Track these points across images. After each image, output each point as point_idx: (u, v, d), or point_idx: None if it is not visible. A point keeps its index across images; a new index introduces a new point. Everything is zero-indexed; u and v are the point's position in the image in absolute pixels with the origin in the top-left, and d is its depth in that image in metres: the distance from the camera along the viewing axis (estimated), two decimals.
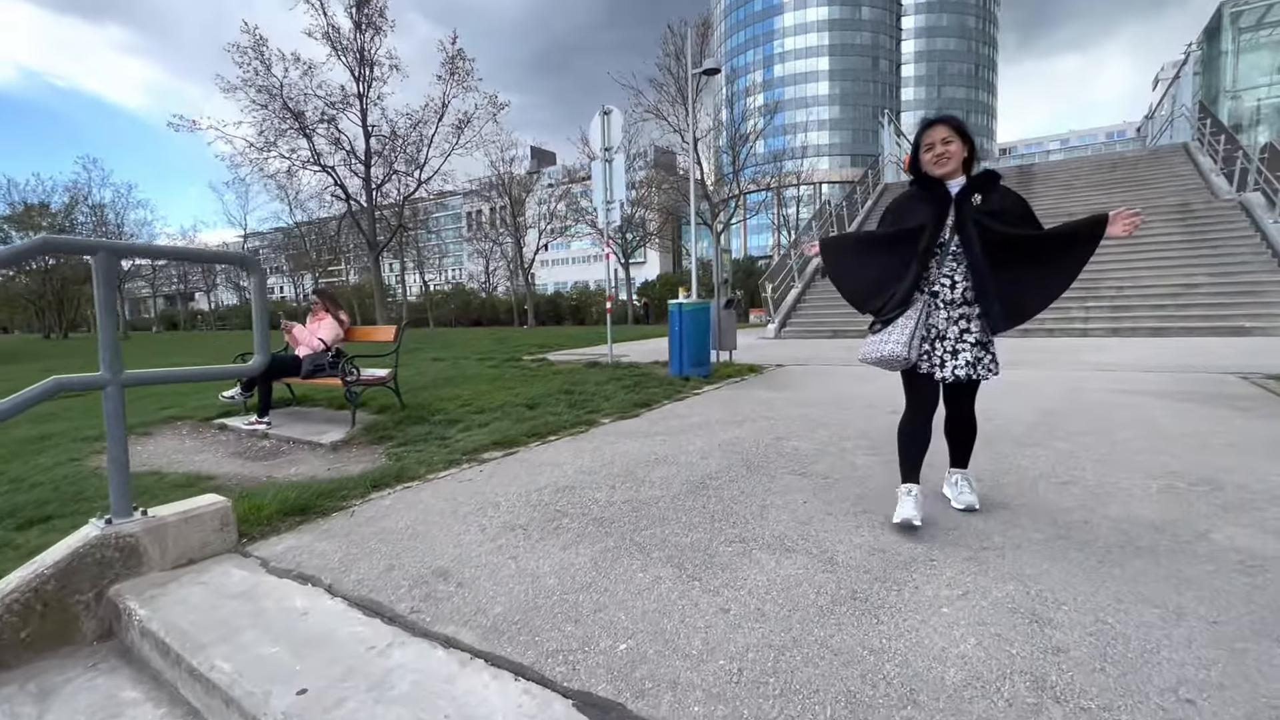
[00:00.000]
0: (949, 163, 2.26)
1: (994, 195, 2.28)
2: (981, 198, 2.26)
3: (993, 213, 2.23)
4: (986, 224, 2.21)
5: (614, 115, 8.26)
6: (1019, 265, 2.21)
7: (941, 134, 2.27)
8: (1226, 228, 11.88)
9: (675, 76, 24.22)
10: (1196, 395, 4.77)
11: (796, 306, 14.13)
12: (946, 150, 2.26)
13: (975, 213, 2.24)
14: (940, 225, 2.28)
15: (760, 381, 6.72)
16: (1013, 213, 2.26)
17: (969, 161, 2.31)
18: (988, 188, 2.29)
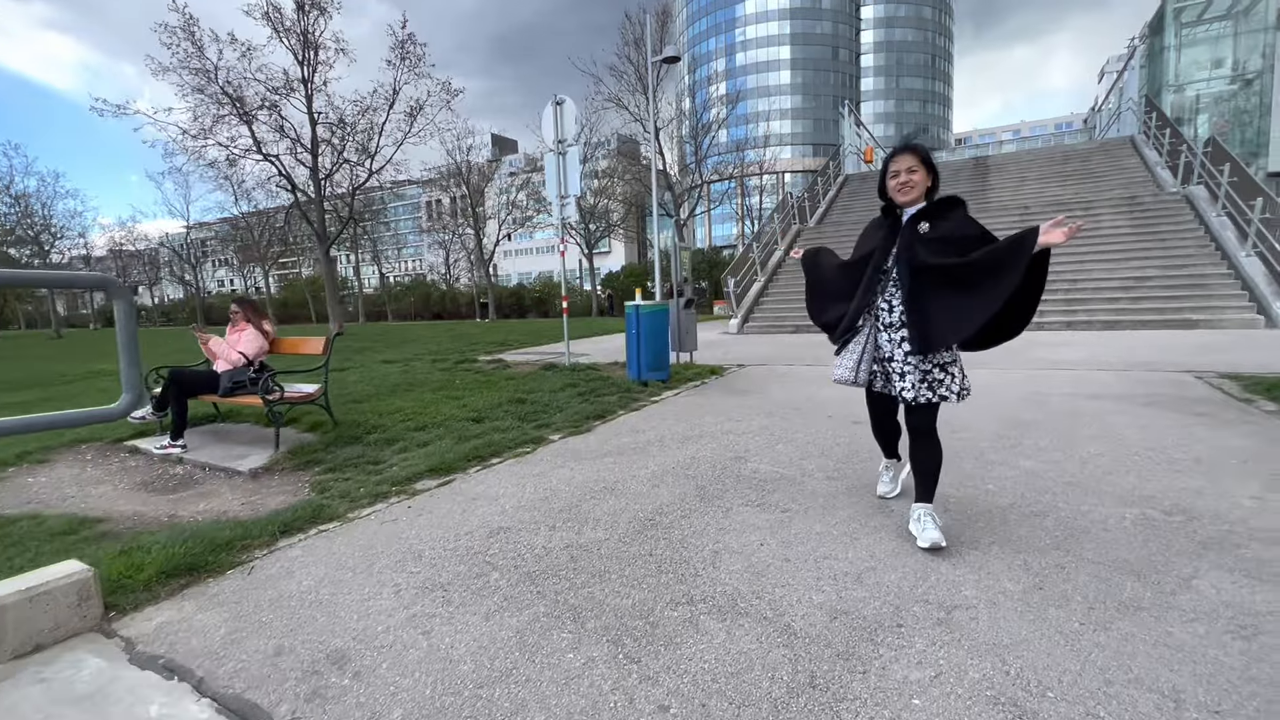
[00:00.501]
0: (912, 191, 2.31)
1: (946, 222, 2.28)
2: (930, 225, 2.28)
3: (934, 240, 2.24)
4: (918, 251, 2.25)
5: (567, 105, 7.88)
6: (947, 292, 2.20)
7: (907, 163, 2.31)
8: (1173, 221, 12.18)
9: (635, 65, 23.75)
10: (1157, 399, 4.73)
11: (759, 301, 14.00)
12: (911, 179, 2.30)
13: (915, 240, 2.28)
14: (887, 252, 2.37)
15: (721, 386, 6.50)
16: (962, 238, 2.22)
17: (932, 189, 2.35)
18: (940, 214, 2.30)
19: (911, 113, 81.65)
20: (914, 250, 2.26)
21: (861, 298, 2.40)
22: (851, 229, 16.66)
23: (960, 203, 2.33)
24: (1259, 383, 4.95)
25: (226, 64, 17.80)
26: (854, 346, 2.44)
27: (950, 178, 19.48)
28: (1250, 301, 9.51)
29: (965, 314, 2.15)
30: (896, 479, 2.88)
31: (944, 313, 2.19)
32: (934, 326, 2.21)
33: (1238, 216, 10.87)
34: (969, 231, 2.24)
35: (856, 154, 23.23)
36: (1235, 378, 5.40)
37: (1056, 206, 14.15)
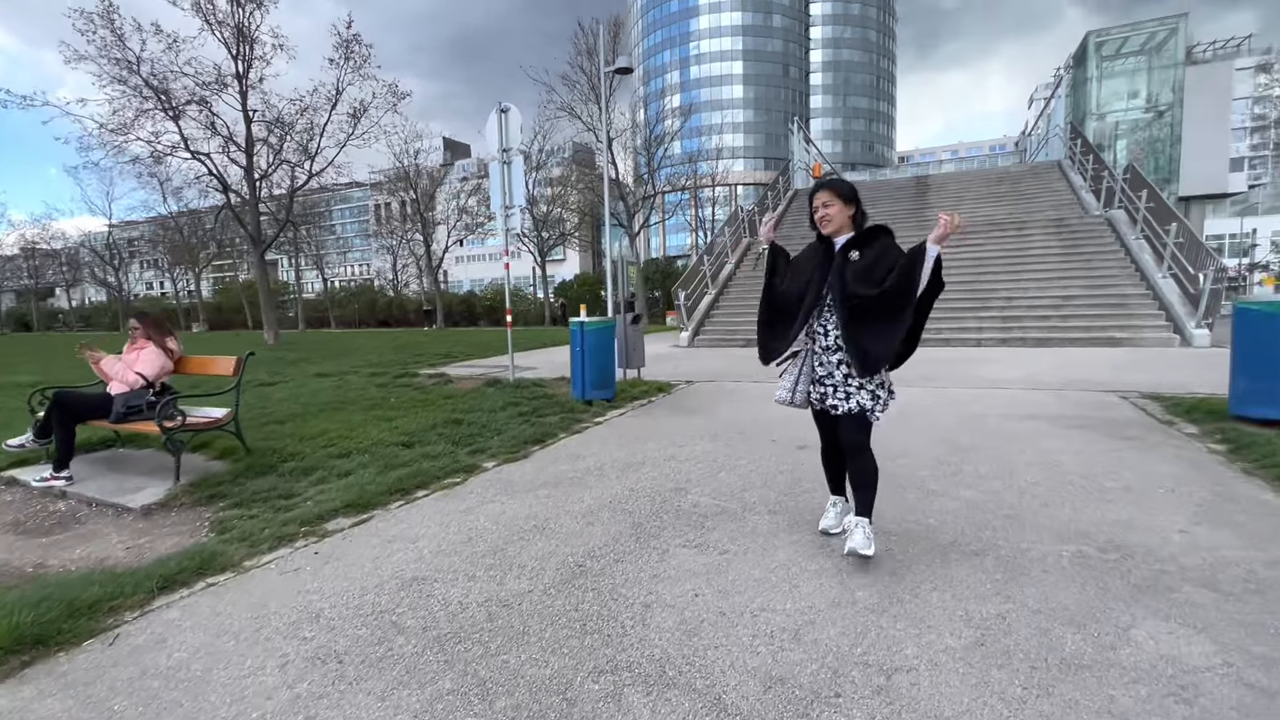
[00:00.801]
0: (830, 224, 2.49)
1: (871, 250, 2.43)
2: (859, 253, 2.44)
3: (861, 268, 2.40)
4: (847, 281, 2.40)
5: (512, 113, 7.65)
6: (875, 318, 2.37)
7: (823, 198, 2.49)
8: (1097, 243, 12.85)
9: (588, 74, 23.64)
10: (1088, 421, 4.84)
11: (710, 314, 14.01)
12: (827, 213, 2.48)
13: (845, 268, 2.43)
14: (823, 279, 2.49)
15: (667, 405, 6.36)
16: (885, 264, 2.38)
17: (856, 218, 2.49)
18: (865, 242, 2.46)
19: (858, 130, 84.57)
20: (844, 279, 2.41)
21: (801, 322, 2.53)
22: (800, 243, 16.77)
23: (886, 231, 2.50)
24: (1179, 404, 5.15)
25: (151, 55, 16.75)
26: (792, 369, 2.61)
27: (894, 195, 20.12)
28: (1167, 321, 10.07)
29: (890, 336, 2.37)
30: (840, 518, 2.77)
31: (875, 338, 2.37)
32: (869, 352, 2.37)
33: (1154, 240, 11.54)
34: (890, 259, 2.39)
35: (805, 169, 23.74)
36: (1157, 398, 5.62)
37: (991, 226, 14.74)
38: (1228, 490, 3.13)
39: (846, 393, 2.45)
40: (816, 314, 2.51)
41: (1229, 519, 2.76)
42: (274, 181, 20.75)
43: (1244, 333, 4.39)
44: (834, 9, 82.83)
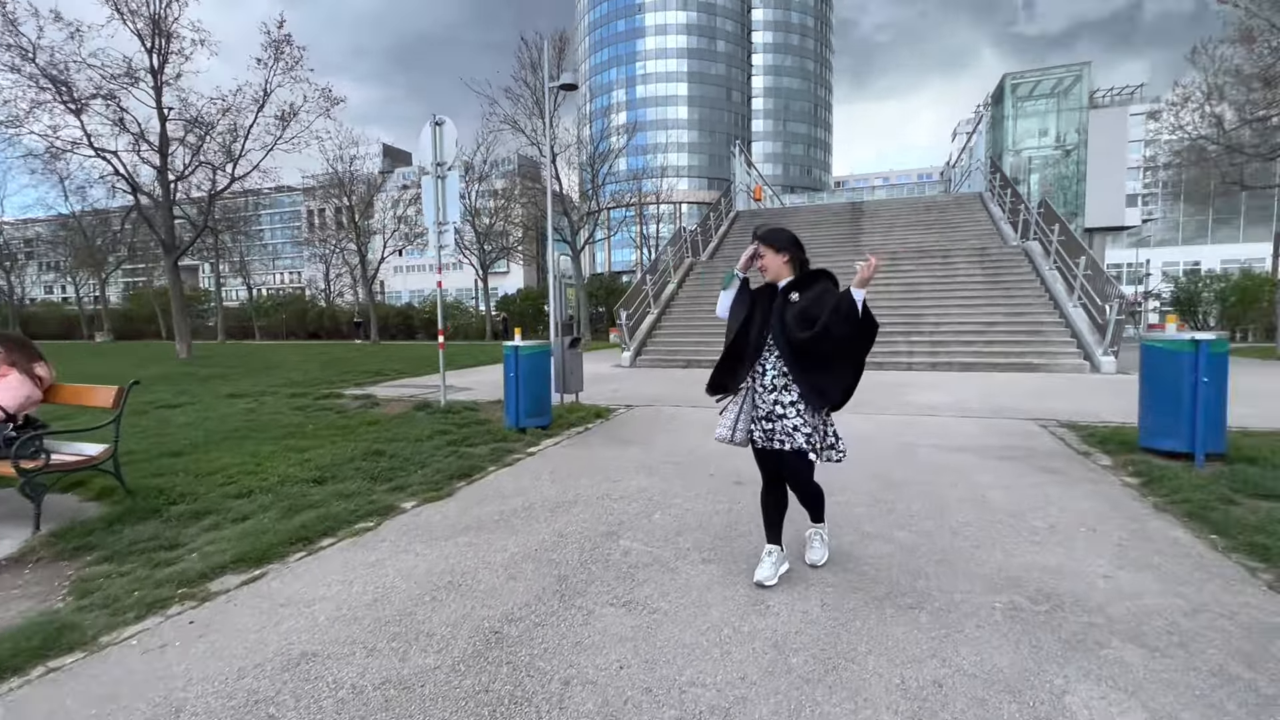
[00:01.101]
0: (768, 273, 2.62)
1: (810, 292, 2.54)
2: (798, 295, 2.55)
3: (800, 310, 2.50)
4: (788, 324, 2.50)
5: (447, 127, 7.37)
6: (814, 355, 2.48)
7: (759, 250, 2.62)
8: (1016, 272, 13.61)
9: (532, 88, 23.43)
10: (1012, 452, 4.98)
11: (652, 334, 13.96)
12: (763, 264, 2.62)
13: (785, 310, 2.54)
14: (766, 320, 2.58)
15: (604, 433, 6.17)
16: (821, 306, 2.47)
17: (792, 262, 2.60)
18: (806, 285, 2.57)
19: (797, 155, 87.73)
20: (783, 321, 2.52)
21: (749, 362, 2.59)
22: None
23: (827, 275, 2.60)
24: (1094, 434, 5.38)
25: (51, 43, 15.41)
26: (732, 407, 2.64)
27: (831, 220, 20.80)
28: (1078, 348, 10.70)
29: (833, 371, 2.52)
30: (777, 568, 2.67)
31: (821, 374, 2.50)
32: (818, 386, 2.50)
33: (1066, 271, 12.31)
34: (826, 301, 2.47)
35: (746, 191, 24.25)
36: (1073, 427, 5.87)
37: (920, 253, 15.40)
38: (1143, 528, 3.22)
39: (788, 433, 2.51)
40: (758, 353, 2.58)
41: (1147, 561, 2.81)
42: (193, 184, 19.43)
43: (1151, 369, 4.62)
44: (774, 38, 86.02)
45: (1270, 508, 3.40)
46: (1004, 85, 39.22)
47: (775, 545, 2.72)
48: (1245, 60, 18.38)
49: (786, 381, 2.52)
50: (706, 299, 15.38)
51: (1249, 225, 45.55)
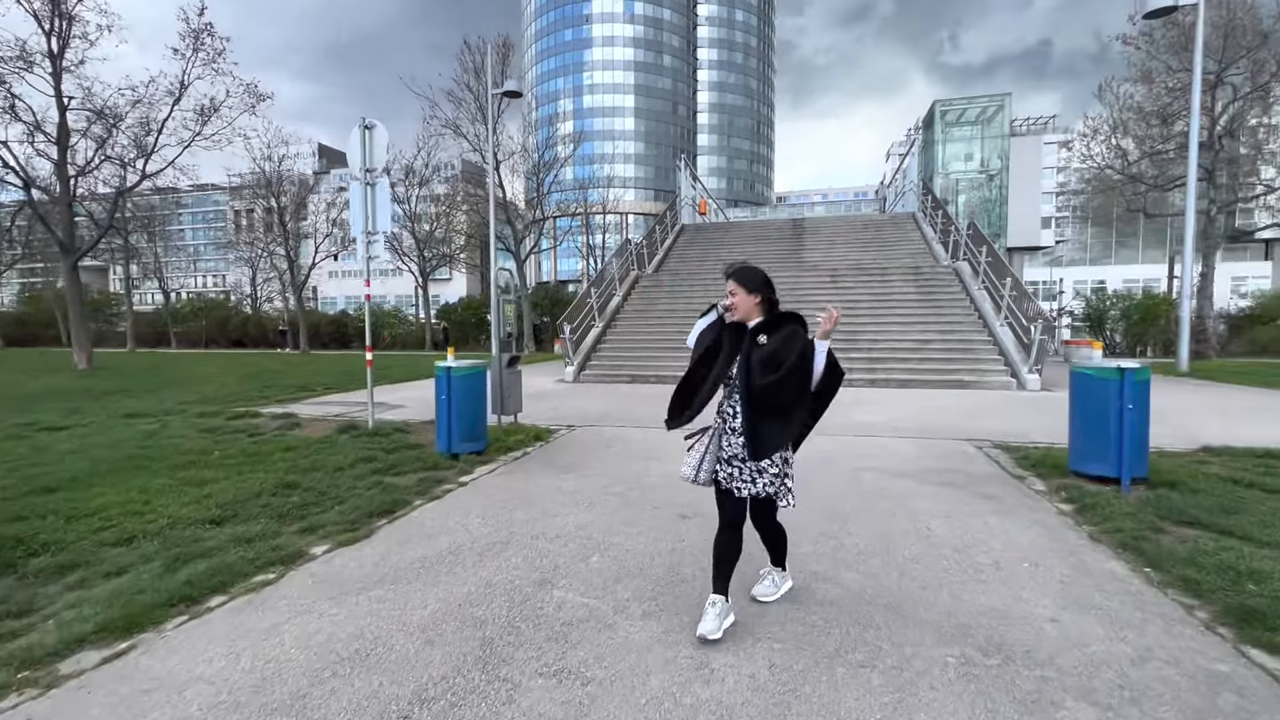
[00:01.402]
0: (736, 312, 2.53)
1: (777, 335, 2.48)
2: (766, 338, 2.49)
3: (766, 355, 2.45)
4: (753, 369, 2.44)
5: (377, 131, 6.95)
6: (771, 404, 2.43)
7: (731, 287, 2.53)
8: (947, 291, 14.15)
9: (475, 94, 22.86)
10: (952, 478, 5.00)
11: (596, 348, 13.71)
12: (733, 302, 2.52)
13: (751, 353, 2.48)
14: (731, 361, 2.52)
15: (543, 458, 5.88)
16: (784, 352, 2.43)
17: (764, 304, 2.53)
18: (774, 328, 2.51)
19: (741, 169, 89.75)
20: (749, 364, 2.45)
21: (702, 399, 2.56)
22: (688, 277, 17.23)
23: (796, 319, 2.53)
24: (1026, 456, 5.50)
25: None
26: (699, 447, 2.59)
27: (773, 235, 21.18)
28: (1005, 366, 11.17)
29: (784, 424, 2.46)
30: (722, 621, 2.50)
31: (770, 425, 2.43)
32: (762, 438, 2.42)
33: (993, 291, 12.87)
34: (792, 350, 2.43)
35: (692, 205, 24.44)
36: (1006, 448, 6.01)
37: (859, 271, 15.83)
38: (1081, 562, 3.22)
39: (753, 477, 2.49)
40: (727, 395, 2.54)
41: (1090, 600, 2.78)
42: (98, 180, 17.88)
43: (1080, 396, 4.74)
44: (719, 55, 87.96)
45: (1195, 536, 3.48)
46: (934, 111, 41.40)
47: (720, 595, 2.55)
48: (1145, 99, 19.95)
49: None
50: (652, 313, 15.29)
51: (1147, 248, 49.59)
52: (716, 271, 15.22)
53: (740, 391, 2.45)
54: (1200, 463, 5.25)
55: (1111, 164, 21.85)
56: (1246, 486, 4.44)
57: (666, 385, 12.21)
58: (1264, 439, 6.18)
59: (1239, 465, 5.13)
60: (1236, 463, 5.23)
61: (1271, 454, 5.46)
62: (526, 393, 10.95)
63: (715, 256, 19.59)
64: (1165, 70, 19.01)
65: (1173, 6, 14.42)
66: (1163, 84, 19.24)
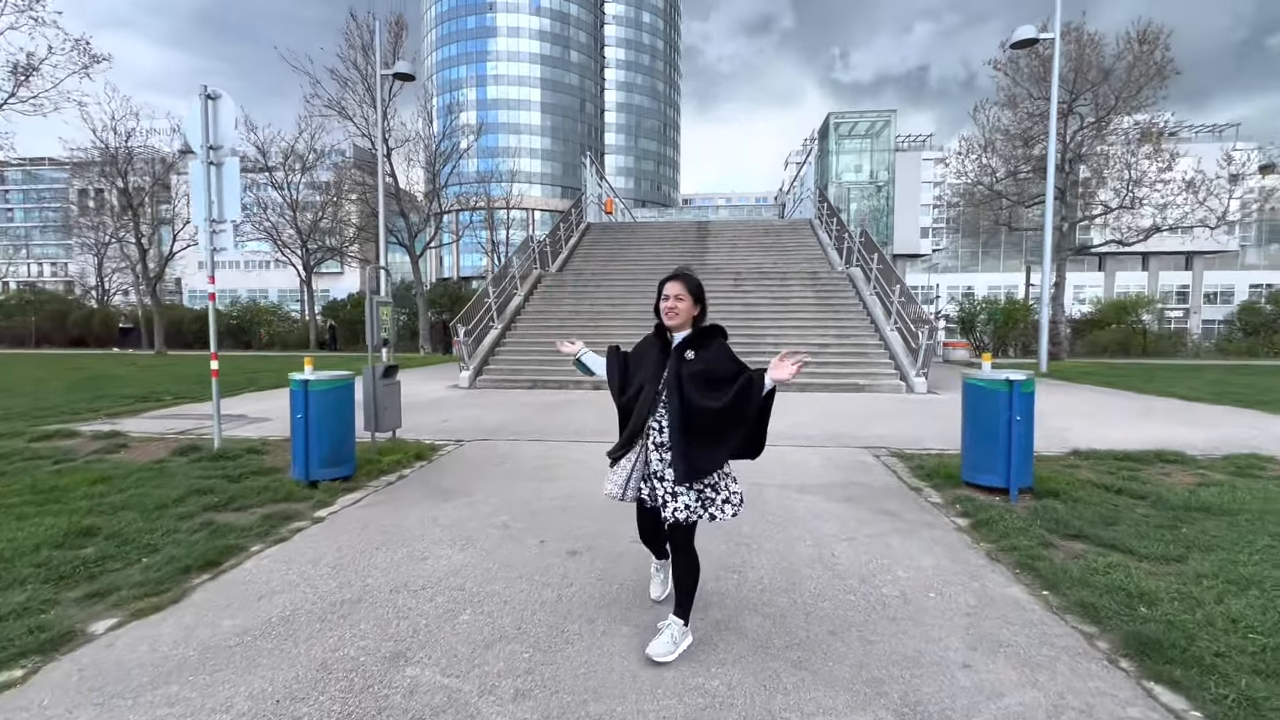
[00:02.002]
0: (676, 317, 2.44)
1: (707, 352, 2.43)
2: (694, 353, 2.43)
3: (698, 372, 2.38)
4: (686, 387, 2.37)
5: (223, 102, 5.96)
6: (706, 429, 2.37)
7: (675, 290, 2.43)
8: (842, 296, 14.69)
9: (363, 73, 21.12)
10: (853, 492, 4.91)
11: (495, 351, 12.96)
12: (677, 305, 2.42)
13: (683, 368, 2.40)
14: (659, 376, 2.46)
15: (421, 482, 5.22)
16: (720, 373, 2.40)
17: (698, 317, 2.47)
18: (701, 343, 2.45)
19: (648, 170, 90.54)
20: (682, 382, 2.38)
21: (635, 419, 2.47)
22: (592, 277, 16.80)
23: (720, 333, 2.51)
24: (921, 466, 5.55)
25: None
26: (624, 464, 2.52)
27: (678, 237, 21.21)
28: (895, 369, 11.66)
29: (718, 450, 2.40)
30: (668, 580, 2.84)
31: (702, 448, 2.37)
32: (694, 463, 2.36)
33: (884, 296, 13.47)
34: (726, 367, 2.41)
35: (598, 203, 24.02)
36: (901, 456, 6.08)
37: (761, 275, 16.10)
38: (984, 589, 3.12)
39: (674, 494, 2.41)
40: (652, 410, 2.46)
41: (998, 636, 2.64)
42: None
43: (972, 407, 4.78)
44: (626, 55, 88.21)
45: (1083, 551, 3.51)
46: (828, 122, 43.64)
47: (664, 560, 2.85)
48: (1011, 122, 21.89)
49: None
50: (555, 314, 14.72)
51: (1007, 258, 55.11)
52: (623, 271, 14.94)
53: (673, 413, 2.37)
54: (1072, 467, 5.51)
55: (981, 180, 23.86)
56: (1116, 493, 4.65)
57: (569, 391, 11.70)
58: (1119, 440, 6.67)
59: (1105, 469, 5.44)
60: (1102, 466, 5.55)
61: (1130, 456, 5.86)
62: (416, 401, 10.08)
63: (622, 256, 19.31)
64: (1028, 96, 20.95)
65: (1034, 39, 15.80)
66: (1025, 109, 21.21)
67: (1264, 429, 7.59)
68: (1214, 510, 4.13)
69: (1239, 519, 3.94)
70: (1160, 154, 21.06)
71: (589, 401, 9.99)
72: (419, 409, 9.30)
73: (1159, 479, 5.10)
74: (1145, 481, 4.97)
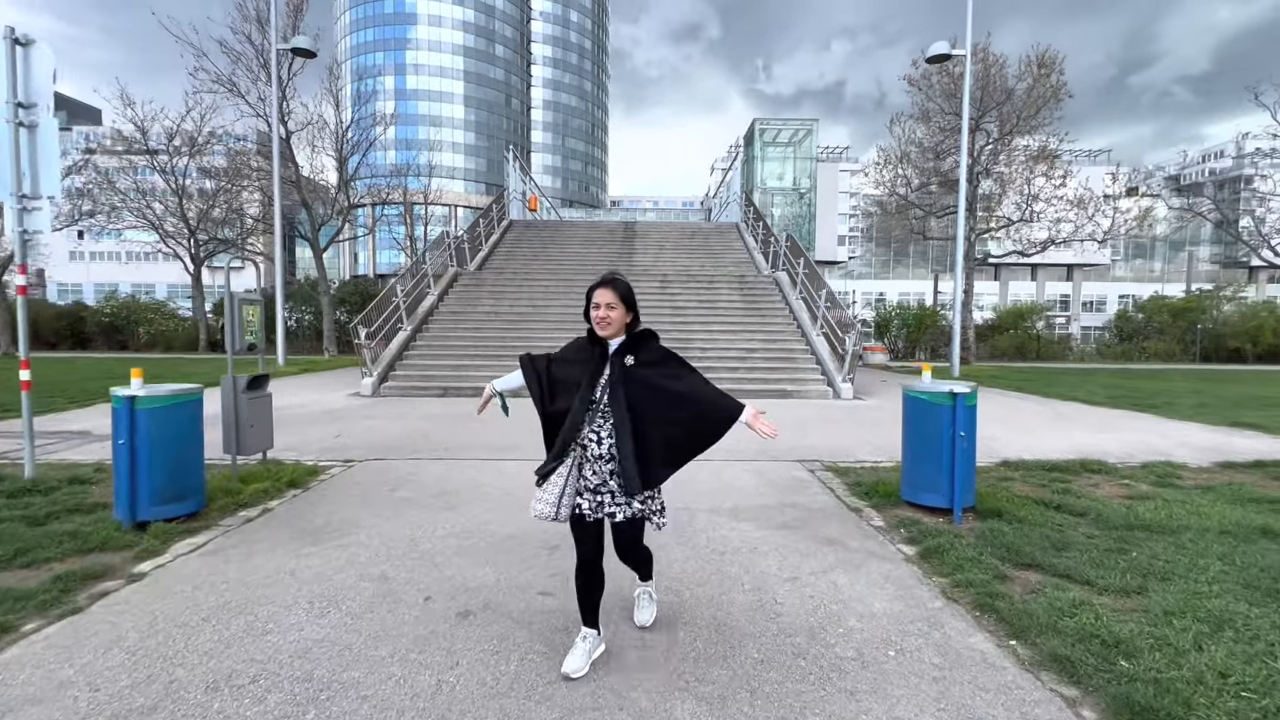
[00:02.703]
0: (609, 327, 2.32)
1: (647, 354, 2.36)
2: (634, 358, 2.34)
3: (642, 378, 2.31)
4: (637, 394, 2.29)
5: (36, 49, 4.83)
6: (661, 437, 2.30)
7: (606, 298, 2.30)
8: (769, 300, 14.58)
9: (258, 48, 19.17)
10: (790, 518, 4.48)
11: (403, 355, 11.87)
12: (609, 315, 2.30)
13: (627, 378, 2.31)
14: (594, 383, 2.33)
15: (287, 518, 4.34)
16: (667, 374, 2.34)
17: (631, 323, 2.37)
18: (639, 347, 2.37)
19: (575, 170, 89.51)
20: (627, 390, 2.29)
21: (569, 431, 2.32)
22: (513, 276, 15.90)
23: (654, 336, 2.43)
24: (858, 483, 5.21)
25: None
26: (556, 479, 2.35)
27: (605, 236, 20.64)
28: (821, 375, 11.58)
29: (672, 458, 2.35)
30: (590, 655, 2.42)
31: (657, 456, 2.30)
32: (651, 469, 2.29)
33: (810, 302, 13.44)
34: (672, 374, 2.35)
35: (521, 200, 23.06)
36: (836, 471, 5.75)
37: (688, 278, 15.79)
38: (947, 642, 2.70)
39: (626, 499, 2.33)
40: (589, 420, 2.33)
41: (974, 710, 2.21)
42: None
43: (913, 420, 4.48)
44: (554, 53, 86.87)
45: (1040, 584, 3.20)
46: (754, 128, 44.43)
47: (591, 629, 2.46)
48: (925, 135, 22.81)
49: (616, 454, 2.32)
50: (471, 315, 13.75)
51: (915, 266, 58.30)
52: (546, 271, 14.13)
53: (619, 422, 2.27)
54: (1005, 479, 5.35)
55: (897, 190, 24.78)
56: (1055, 509, 4.47)
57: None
58: (1043, 449, 6.68)
59: (1036, 481, 5.31)
60: (1034, 478, 5.43)
61: (1057, 467, 5.80)
62: (307, 413, 8.94)
63: (545, 255, 18.52)
64: (939, 111, 21.88)
65: (948, 55, 16.37)
66: (937, 124, 22.14)
67: (1166, 434, 7.90)
68: (1155, 529, 3.98)
69: (1182, 538, 3.79)
70: (1054, 173, 22.56)
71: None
72: (309, 422, 8.21)
73: (1090, 491, 5.01)
74: (1079, 495, 4.85)
